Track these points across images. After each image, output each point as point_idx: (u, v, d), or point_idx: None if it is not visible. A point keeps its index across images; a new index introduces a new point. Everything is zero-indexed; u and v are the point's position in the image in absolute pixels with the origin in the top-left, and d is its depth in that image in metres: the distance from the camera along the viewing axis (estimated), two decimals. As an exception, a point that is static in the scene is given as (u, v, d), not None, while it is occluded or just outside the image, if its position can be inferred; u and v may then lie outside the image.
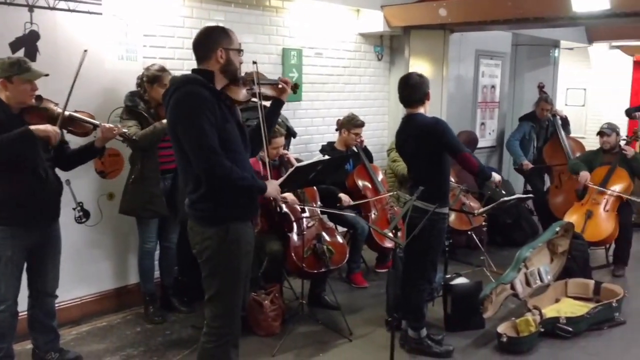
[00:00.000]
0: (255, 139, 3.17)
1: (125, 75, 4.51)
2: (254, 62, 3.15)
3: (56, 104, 3.56)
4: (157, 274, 4.74)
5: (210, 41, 2.94)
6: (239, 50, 3.01)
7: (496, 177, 4.12)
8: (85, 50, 3.55)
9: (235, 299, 3.02)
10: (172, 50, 4.92)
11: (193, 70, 2.98)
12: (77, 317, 4.55)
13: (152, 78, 4.31)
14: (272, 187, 3.08)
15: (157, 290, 4.73)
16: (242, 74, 3.13)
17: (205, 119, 2.76)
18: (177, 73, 4.81)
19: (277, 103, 3.34)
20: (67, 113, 3.50)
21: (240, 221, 2.96)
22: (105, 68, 4.47)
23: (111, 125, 3.74)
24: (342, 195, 5.30)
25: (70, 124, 3.61)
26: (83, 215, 4.51)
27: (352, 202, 5.27)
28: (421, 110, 3.98)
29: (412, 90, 3.95)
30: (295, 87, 3.57)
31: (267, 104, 3.34)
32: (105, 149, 3.91)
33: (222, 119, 2.85)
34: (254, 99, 3.15)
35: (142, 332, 4.43)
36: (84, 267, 4.56)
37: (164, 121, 4.17)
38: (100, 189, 4.59)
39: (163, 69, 4.36)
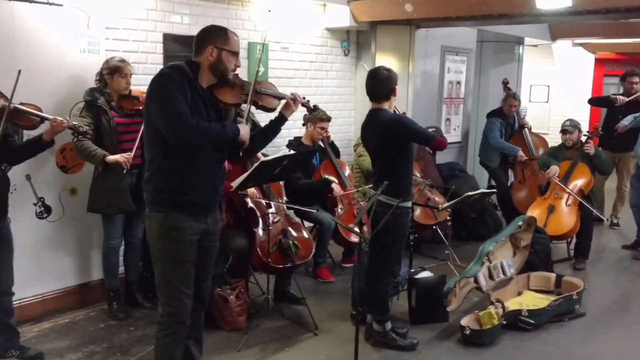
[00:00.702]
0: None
1: (88, 69, 4.42)
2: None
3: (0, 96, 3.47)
4: (121, 269, 4.68)
5: (204, 37, 2.97)
6: (234, 53, 2.98)
7: None
8: (20, 70, 3.43)
9: (179, 286, 2.97)
10: (135, 44, 4.84)
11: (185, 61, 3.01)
12: (39, 314, 4.47)
13: (112, 69, 4.25)
14: (245, 129, 3.03)
15: (121, 286, 4.68)
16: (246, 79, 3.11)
17: (174, 94, 2.78)
18: (141, 66, 4.79)
19: (279, 118, 3.26)
20: (12, 106, 3.43)
21: (182, 213, 2.92)
22: (66, 61, 4.39)
23: (61, 118, 3.67)
24: (335, 186, 5.41)
25: (16, 116, 3.53)
26: (44, 210, 4.43)
27: (342, 192, 5.47)
28: (386, 105, 4.00)
29: (379, 84, 3.97)
30: (313, 109, 3.55)
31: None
32: (54, 142, 3.81)
33: (193, 108, 2.85)
34: (244, 106, 3.13)
35: (106, 329, 4.38)
36: (46, 264, 4.48)
37: (108, 157, 4.14)
38: (62, 184, 4.51)
39: (123, 60, 4.31)
